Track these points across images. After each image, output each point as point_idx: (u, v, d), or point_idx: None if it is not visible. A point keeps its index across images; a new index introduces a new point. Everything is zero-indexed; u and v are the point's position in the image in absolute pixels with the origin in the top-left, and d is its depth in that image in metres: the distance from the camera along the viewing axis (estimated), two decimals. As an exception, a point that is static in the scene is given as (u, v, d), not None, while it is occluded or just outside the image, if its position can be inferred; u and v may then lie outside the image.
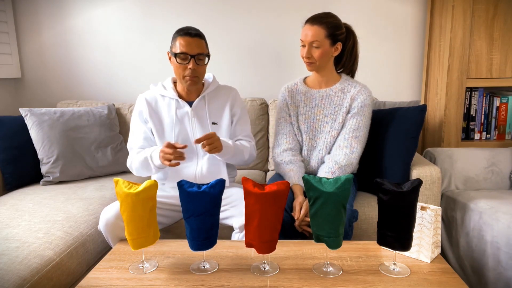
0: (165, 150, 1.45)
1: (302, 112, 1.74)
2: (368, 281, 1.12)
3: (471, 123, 2.27)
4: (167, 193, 1.65)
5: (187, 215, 1.13)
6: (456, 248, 1.85)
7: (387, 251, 1.30)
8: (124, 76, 2.60)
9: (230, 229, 1.59)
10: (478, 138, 2.29)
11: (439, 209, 1.22)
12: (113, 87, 2.62)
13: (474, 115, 2.25)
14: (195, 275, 1.17)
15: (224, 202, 1.55)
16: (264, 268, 1.19)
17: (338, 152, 1.65)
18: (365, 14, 2.44)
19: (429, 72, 2.38)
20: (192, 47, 1.52)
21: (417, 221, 1.23)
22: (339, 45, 1.65)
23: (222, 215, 1.56)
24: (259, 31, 2.49)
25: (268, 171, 2.36)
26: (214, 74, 1.75)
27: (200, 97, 1.65)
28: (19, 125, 2.06)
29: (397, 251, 1.16)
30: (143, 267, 1.22)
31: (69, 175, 2.06)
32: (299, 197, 1.55)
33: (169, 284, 1.12)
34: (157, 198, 1.24)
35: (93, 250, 1.56)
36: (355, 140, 1.66)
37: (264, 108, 2.34)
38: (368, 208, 1.74)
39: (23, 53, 2.60)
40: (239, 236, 1.51)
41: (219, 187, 1.14)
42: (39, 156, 2.04)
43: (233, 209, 1.57)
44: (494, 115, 2.25)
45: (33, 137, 2.04)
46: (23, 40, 2.59)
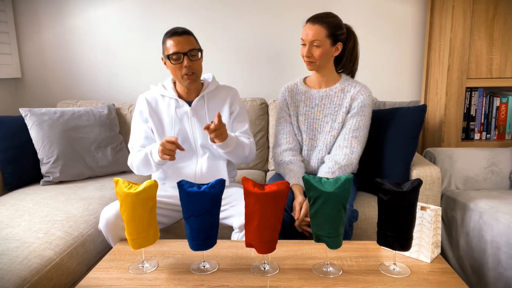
0: (166, 145, 1.44)
1: (302, 112, 1.74)
2: (368, 281, 1.12)
3: (471, 123, 2.27)
4: (167, 193, 1.65)
5: (187, 215, 1.13)
6: (456, 248, 1.85)
7: (387, 251, 1.30)
8: (124, 76, 2.60)
9: (230, 229, 1.59)
10: (478, 138, 2.29)
11: (439, 209, 1.22)
12: (113, 87, 2.62)
13: (474, 115, 2.25)
14: (195, 275, 1.17)
15: (224, 202, 1.55)
16: (264, 268, 1.19)
17: (338, 152, 1.65)
18: (365, 14, 2.44)
19: (429, 72, 2.38)
20: (182, 45, 1.53)
21: (417, 221, 1.23)
22: (339, 45, 1.65)
23: (222, 214, 1.56)
24: (259, 31, 2.49)
25: (268, 171, 2.36)
26: (214, 74, 1.75)
27: (199, 96, 1.65)
28: (19, 125, 2.06)
29: (397, 251, 1.16)
30: (143, 267, 1.22)
31: (69, 175, 2.06)
32: (299, 197, 1.55)
33: (169, 284, 1.12)
34: (157, 198, 1.24)
35: (93, 250, 1.56)
36: (355, 140, 1.66)
37: (264, 108, 2.34)
38: (368, 208, 1.74)
39: (23, 53, 2.60)
40: (239, 236, 1.50)
41: (219, 187, 1.14)
42: (39, 156, 2.04)
43: (233, 209, 1.57)
44: (494, 115, 2.25)
45: (33, 137, 2.04)
46: (23, 40, 2.59)
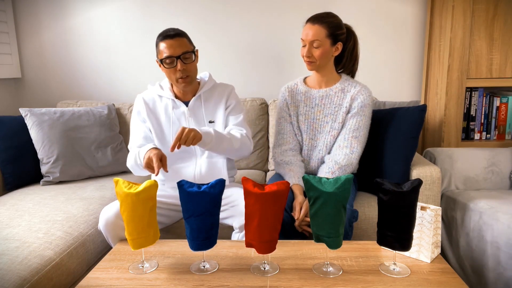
0: (153, 161, 1.39)
1: (302, 112, 1.74)
2: (368, 281, 1.12)
3: (471, 123, 2.27)
4: (167, 193, 1.65)
5: (187, 215, 1.13)
6: (456, 248, 1.85)
7: (387, 251, 1.30)
8: (124, 76, 2.60)
9: (230, 229, 1.58)
10: (478, 138, 2.29)
11: (439, 209, 1.22)
12: (113, 87, 2.62)
13: (474, 115, 2.25)
14: (195, 275, 1.17)
15: (224, 202, 1.54)
16: (264, 268, 1.19)
17: (338, 152, 1.65)
18: (365, 14, 2.44)
19: (429, 72, 2.38)
20: (174, 49, 1.50)
21: (417, 221, 1.23)
22: (339, 45, 1.65)
23: (222, 215, 1.56)
24: (259, 31, 2.49)
25: (268, 171, 2.36)
26: (214, 74, 1.73)
27: (196, 96, 1.64)
28: (19, 125, 2.06)
29: (397, 251, 1.16)
30: (143, 267, 1.22)
31: (69, 175, 2.06)
32: (299, 197, 1.55)
33: (169, 284, 1.12)
34: (157, 198, 1.24)
35: (93, 250, 1.56)
36: (355, 140, 1.66)
37: (264, 108, 2.34)
38: (368, 208, 1.74)
39: (23, 53, 2.60)
40: (239, 236, 1.50)
41: (219, 187, 1.14)
42: (39, 156, 2.04)
43: (233, 209, 1.56)
44: (494, 115, 2.25)
45: (33, 137, 2.04)
46: (23, 40, 2.59)
